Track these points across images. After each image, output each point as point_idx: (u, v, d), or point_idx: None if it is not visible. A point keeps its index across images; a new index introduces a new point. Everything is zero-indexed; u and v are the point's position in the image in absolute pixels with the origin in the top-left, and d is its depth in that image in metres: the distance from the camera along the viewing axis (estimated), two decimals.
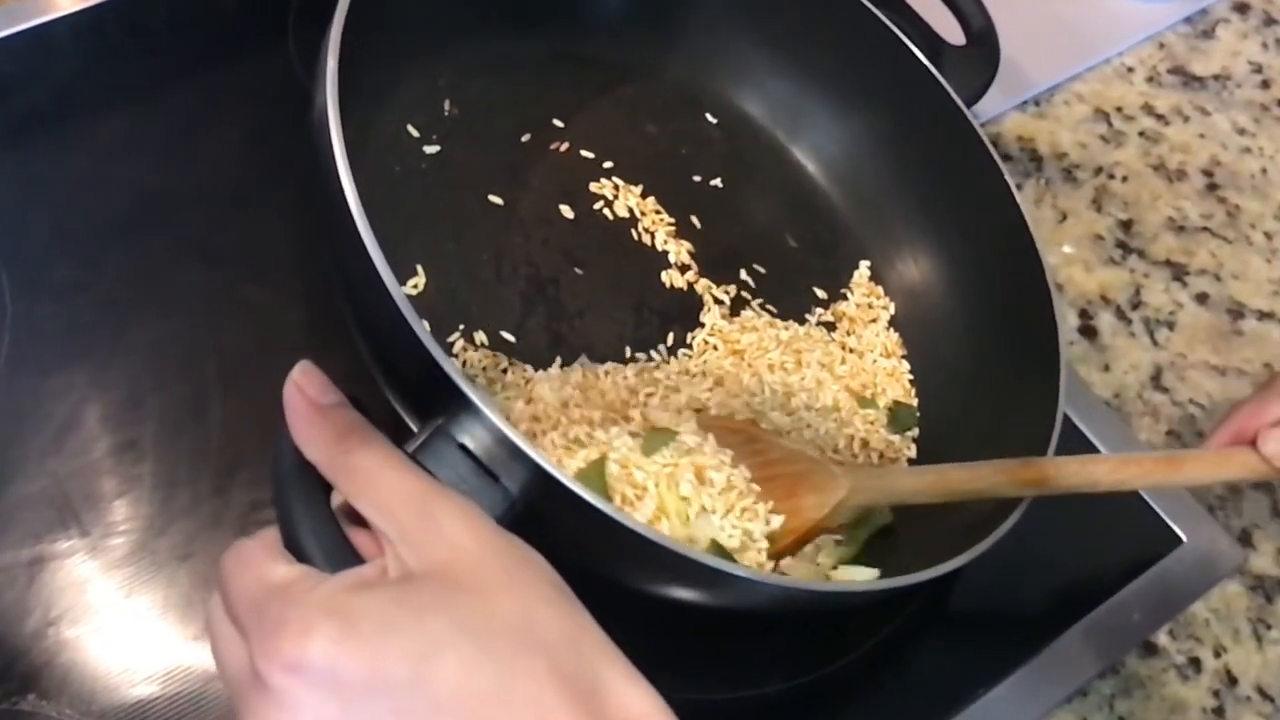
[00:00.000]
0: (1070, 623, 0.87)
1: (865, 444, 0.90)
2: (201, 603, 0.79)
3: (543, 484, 0.62)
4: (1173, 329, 1.08)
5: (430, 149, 0.92)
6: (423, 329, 0.65)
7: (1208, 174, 1.18)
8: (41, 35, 0.98)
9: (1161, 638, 0.92)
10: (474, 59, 0.97)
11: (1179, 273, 1.12)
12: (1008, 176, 0.93)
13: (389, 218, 0.81)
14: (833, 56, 1.01)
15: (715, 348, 0.91)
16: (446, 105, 0.94)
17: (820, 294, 0.98)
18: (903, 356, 0.96)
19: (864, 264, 1.00)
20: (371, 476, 0.55)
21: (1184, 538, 0.93)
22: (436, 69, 0.95)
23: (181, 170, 0.96)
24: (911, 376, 0.95)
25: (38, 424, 0.84)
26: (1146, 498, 0.94)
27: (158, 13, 1.02)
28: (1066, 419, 0.84)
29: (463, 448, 0.62)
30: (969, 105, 0.98)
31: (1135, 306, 1.09)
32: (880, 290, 0.99)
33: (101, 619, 0.78)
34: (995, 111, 1.17)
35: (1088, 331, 1.06)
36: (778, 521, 0.78)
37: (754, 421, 0.86)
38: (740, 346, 0.91)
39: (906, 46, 0.97)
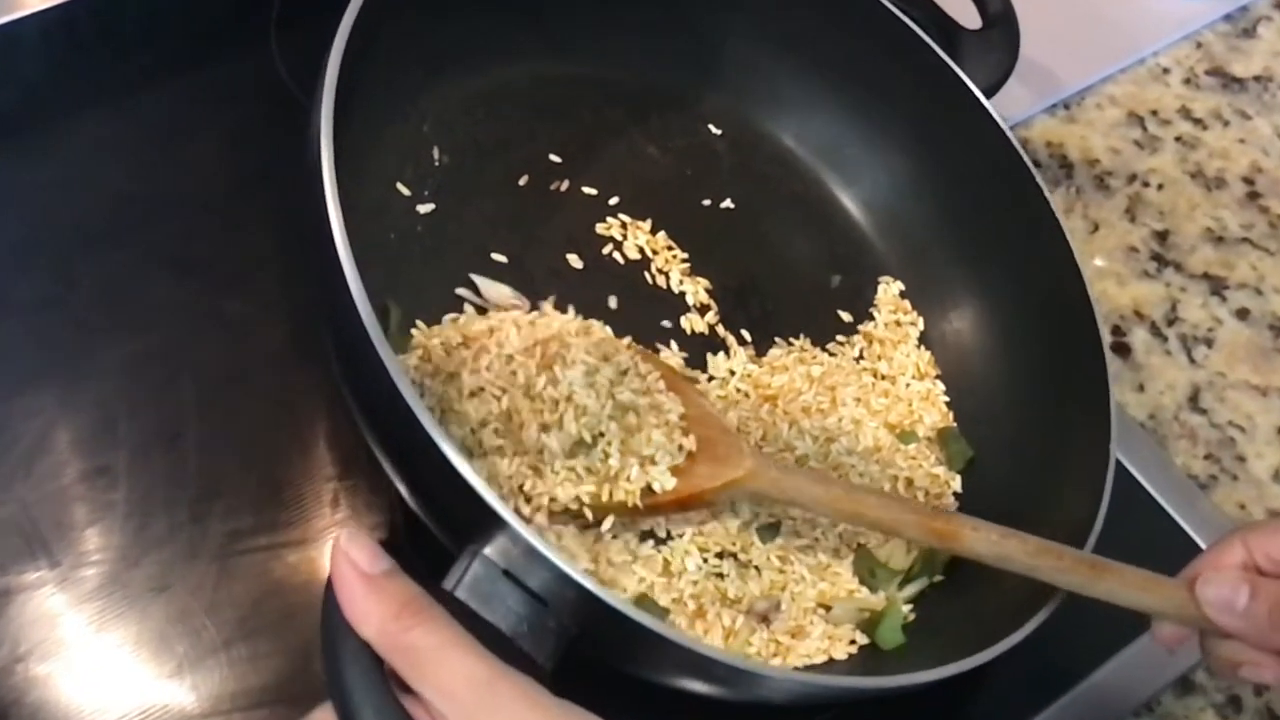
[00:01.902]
0: (1103, 659, 0.88)
1: (910, 483, 0.90)
2: (177, 637, 0.79)
3: (598, 612, 0.65)
4: (1211, 346, 1.08)
5: (424, 208, 0.91)
6: (458, 457, 0.65)
7: (1248, 181, 1.19)
8: (8, 34, 0.98)
9: (1199, 674, 0.92)
10: (458, 97, 0.96)
11: (1218, 287, 1.12)
12: (1040, 180, 0.94)
13: (390, 294, 0.84)
14: (839, 49, 1.01)
15: (746, 395, 0.91)
16: (436, 153, 0.93)
17: (845, 317, 0.98)
18: (936, 377, 0.97)
19: (887, 279, 1.00)
20: (432, 658, 0.58)
21: None
22: (420, 114, 0.94)
23: (156, 177, 0.97)
24: (947, 399, 0.96)
25: (4, 448, 0.84)
26: (1179, 520, 0.95)
27: (132, 10, 1.02)
28: None
29: (508, 574, 0.65)
30: (990, 94, 0.97)
31: (1171, 323, 1.09)
32: (907, 305, 0.99)
33: (72, 655, 0.78)
34: (1022, 115, 1.18)
35: (1121, 349, 1.07)
36: (670, 481, 0.78)
37: (676, 371, 0.86)
38: (771, 391, 0.91)
39: (919, 36, 0.97)
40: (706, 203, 1.00)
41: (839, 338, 0.96)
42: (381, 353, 0.67)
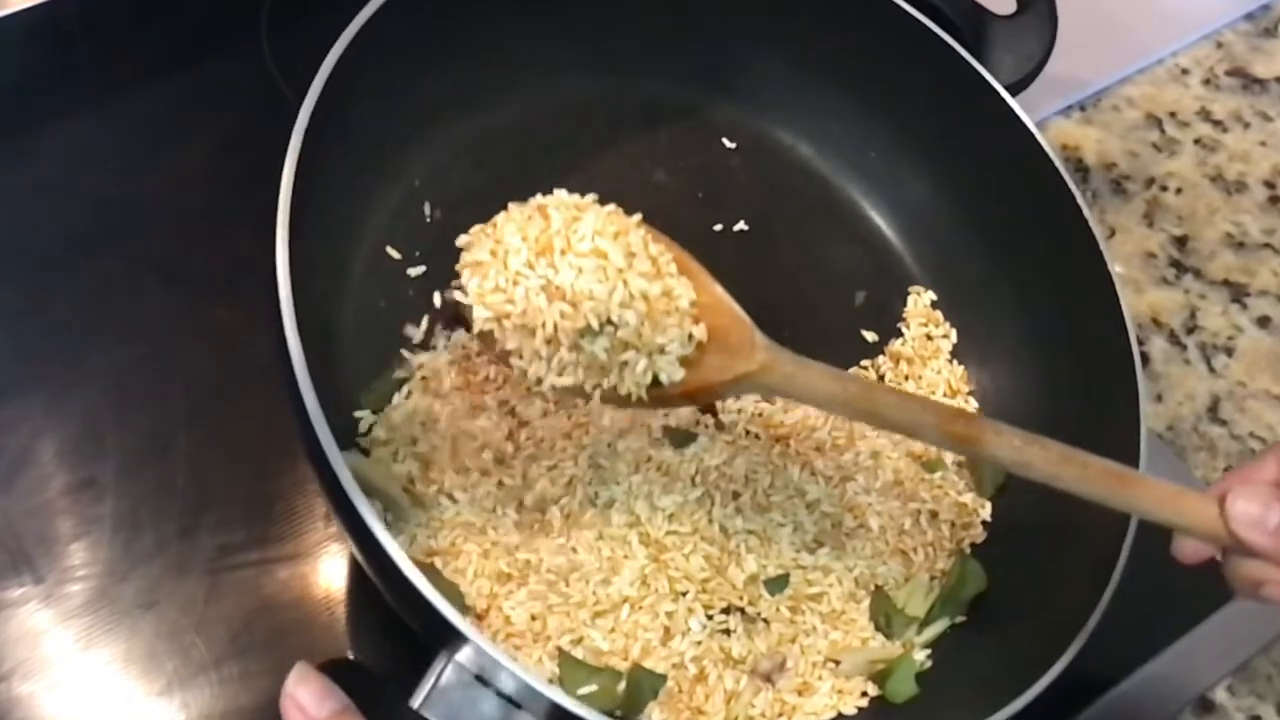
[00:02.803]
0: (1122, 676, 0.89)
1: (934, 516, 0.90)
2: (166, 654, 0.80)
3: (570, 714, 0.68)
4: (1231, 355, 1.09)
5: (415, 270, 0.91)
6: (422, 580, 0.67)
7: (1270, 185, 1.20)
8: None
9: (1220, 693, 0.92)
10: (446, 146, 0.95)
11: (1238, 294, 1.13)
12: (1068, 179, 0.93)
13: (380, 378, 0.85)
14: (854, 50, 1.00)
15: (756, 436, 0.91)
16: (427, 209, 0.93)
17: (869, 337, 0.97)
18: (969, 394, 0.96)
19: (918, 289, 1.00)
20: None
21: None
22: (409, 169, 0.93)
23: (144, 181, 0.97)
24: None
25: None
26: None
27: (117, 8, 1.03)
28: None
29: (480, 679, 0.67)
30: (1024, 85, 0.96)
31: (1191, 331, 1.10)
32: (939, 316, 0.99)
33: (57, 673, 0.79)
34: (1038, 117, 1.17)
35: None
36: (678, 373, 0.77)
37: (687, 256, 0.82)
38: (784, 430, 0.91)
39: (936, 33, 0.96)
40: (718, 227, 0.99)
41: (863, 362, 0.96)
42: (344, 482, 0.68)
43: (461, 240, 0.77)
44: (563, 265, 0.74)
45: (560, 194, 0.78)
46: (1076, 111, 1.21)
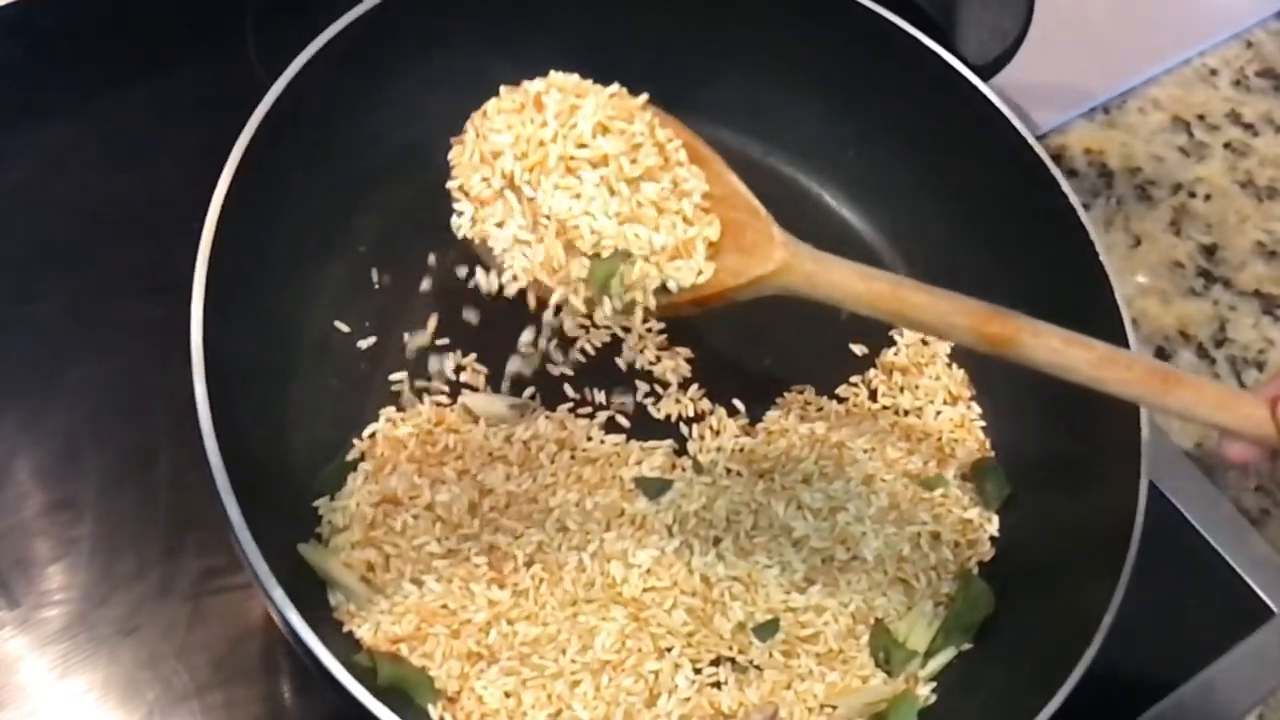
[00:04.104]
0: (1148, 704, 0.89)
1: (935, 537, 0.89)
2: (147, 682, 0.80)
3: None
4: (1262, 370, 1.09)
5: (365, 343, 0.91)
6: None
7: None
8: None
9: None
10: (393, 204, 0.95)
11: (1270, 305, 1.13)
12: (1050, 164, 0.92)
13: (334, 460, 0.85)
14: (815, 50, 0.99)
15: (739, 474, 0.90)
16: (375, 275, 0.93)
17: (858, 350, 0.97)
18: (971, 399, 0.96)
19: None
20: None
21: (1276, 610, 0.94)
22: (354, 235, 0.94)
23: (125, 188, 0.97)
24: (984, 423, 0.95)
25: None
26: (1227, 558, 0.95)
27: (98, 7, 1.03)
28: None
29: None
30: (998, 67, 0.96)
31: (1220, 344, 1.10)
32: None
33: (33, 702, 0.79)
34: (1058, 120, 1.19)
35: None
36: (688, 278, 0.75)
37: (699, 141, 0.80)
38: (768, 464, 0.91)
39: (893, 23, 0.95)
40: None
41: (852, 378, 0.96)
42: (295, 625, 0.71)
43: (453, 155, 0.76)
44: (554, 188, 0.73)
45: (556, 75, 0.76)
46: (1100, 114, 1.21)
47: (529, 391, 0.90)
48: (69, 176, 0.98)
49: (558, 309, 0.75)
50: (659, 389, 0.93)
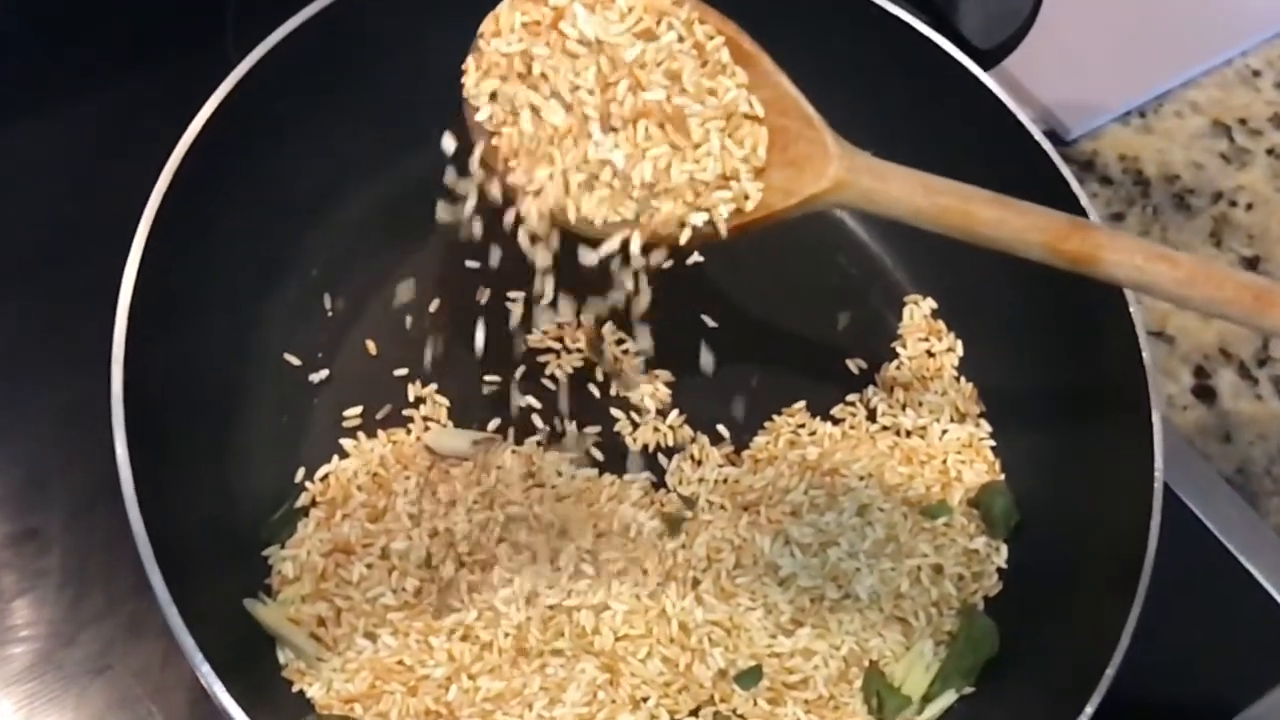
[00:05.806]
0: None
1: (938, 570, 0.89)
2: None
3: None
4: None
5: (317, 376, 0.92)
6: None
7: None
8: None
9: None
10: (343, 222, 0.95)
11: None
12: (1057, 160, 0.92)
13: (282, 506, 0.86)
14: (807, 41, 0.93)
15: (723, 507, 0.90)
16: (327, 301, 0.94)
17: (854, 367, 0.97)
18: (980, 415, 0.96)
19: (915, 298, 1.00)
20: None
21: None
22: (305, 260, 0.94)
23: (94, 196, 0.98)
24: (993, 443, 0.95)
25: None
26: (1272, 591, 0.95)
27: (67, 2, 1.03)
28: (1177, 501, 0.84)
29: None
30: (1002, 54, 0.96)
31: (1263, 363, 1.10)
32: (941, 326, 0.99)
33: None
34: (1092, 125, 1.19)
35: (1204, 393, 1.08)
36: (728, 208, 0.74)
37: (744, 37, 0.77)
38: (754, 495, 0.90)
39: (890, 12, 0.95)
40: (667, 265, 0.90)
41: (849, 397, 0.96)
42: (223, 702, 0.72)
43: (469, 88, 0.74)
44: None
45: None
46: (1135, 118, 1.21)
47: (494, 424, 0.90)
48: (34, 185, 0.99)
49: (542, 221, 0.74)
50: (635, 416, 0.93)
